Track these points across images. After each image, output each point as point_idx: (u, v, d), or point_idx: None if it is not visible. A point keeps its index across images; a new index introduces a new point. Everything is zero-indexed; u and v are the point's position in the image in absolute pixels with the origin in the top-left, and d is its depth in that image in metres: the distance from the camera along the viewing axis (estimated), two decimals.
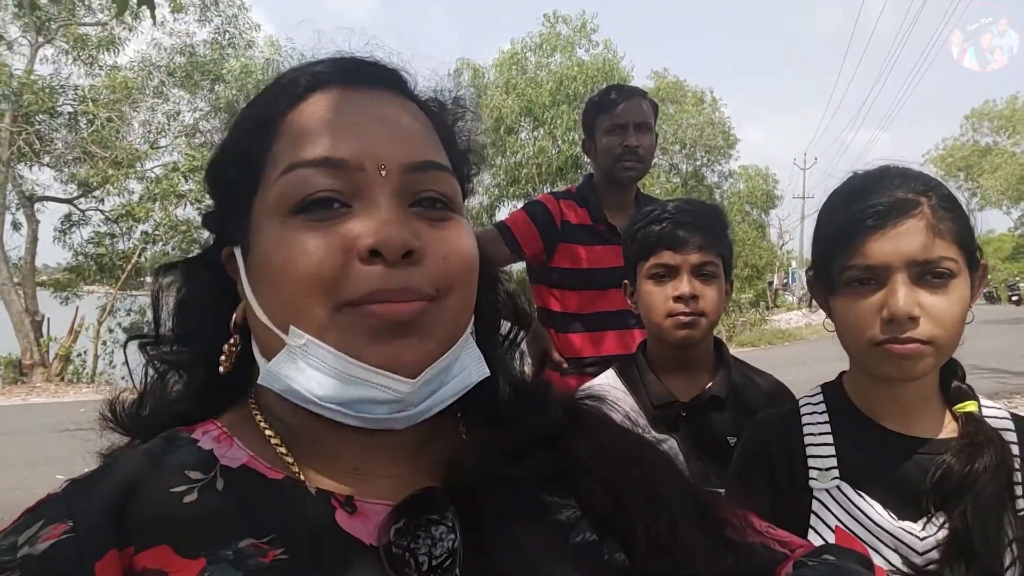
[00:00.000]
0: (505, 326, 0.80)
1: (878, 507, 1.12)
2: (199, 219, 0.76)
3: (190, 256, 0.75)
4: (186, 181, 14.53)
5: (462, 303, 0.65)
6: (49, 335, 14.38)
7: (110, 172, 14.54)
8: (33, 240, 14.60)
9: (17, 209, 14.74)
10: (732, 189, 31.10)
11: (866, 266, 1.09)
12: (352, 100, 0.66)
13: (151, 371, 0.73)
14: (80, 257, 15.67)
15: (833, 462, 1.18)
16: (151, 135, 16.13)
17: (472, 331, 0.71)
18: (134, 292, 15.20)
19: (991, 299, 40.38)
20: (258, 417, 0.68)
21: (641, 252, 1.62)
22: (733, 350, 1.90)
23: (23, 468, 6.34)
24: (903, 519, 1.10)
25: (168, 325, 0.73)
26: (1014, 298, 36.94)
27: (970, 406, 1.15)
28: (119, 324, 14.19)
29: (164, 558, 0.56)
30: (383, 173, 0.62)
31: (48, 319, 14.46)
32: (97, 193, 15.57)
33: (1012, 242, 48.88)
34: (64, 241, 15.65)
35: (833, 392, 1.28)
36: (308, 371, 0.60)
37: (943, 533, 1.07)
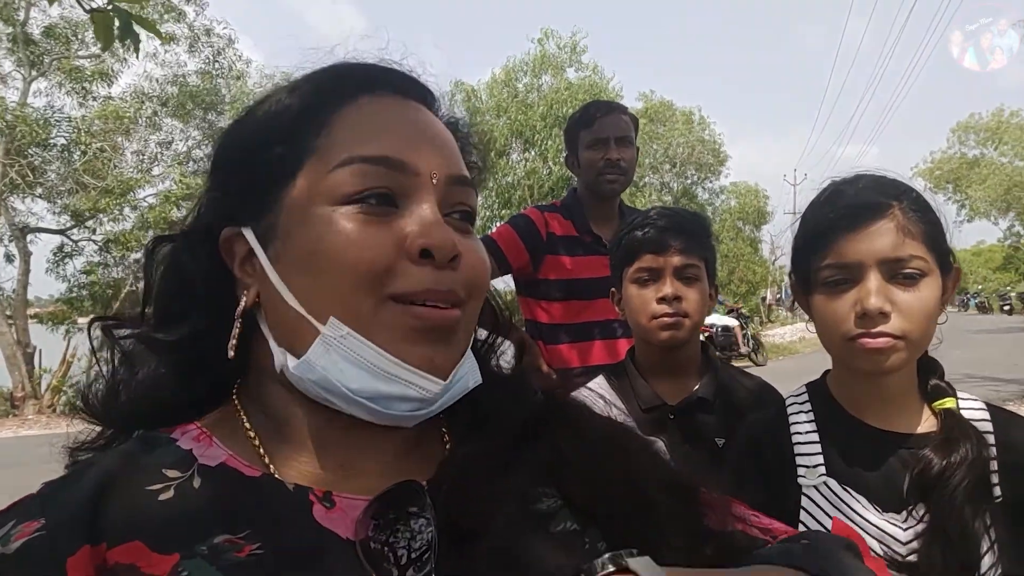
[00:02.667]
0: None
1: (864, 501, 1.14)
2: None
3: (187, 230, 0.71)
4: (179, 209, 14.46)
5: (476, 311, 0.69)
6: (42, 367, 14.26)
7: (103, 201, 14.53)
8: (25, 272, 14.53)
9: (10, 241, 14.69)
10: (724, 206, 31.29)
11: (840, 264, 1.14)
12: (404, 108, 0.69)
13: (118, 356, 0.71)
14: (74, 290, 15.59)
15: (820, 459, 1.21)
16: (144, 164, 16.16)
17: None
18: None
19: (983, 309, 40.63)
20: (241, 414, 0.68)
21: (625, 257, 1.66)
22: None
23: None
24: (887, 512, 1.13)
25: (144, 307, 0.71)
26: (1006, 308, 37.15)
27: (948, 403, 1.19)
28: None
29: (137, 553, 0.56)
30: (434, 181, 0.65)
31: (40, 351, 14.34)
32: (90, 223, 15.53)
33: (1002, 252, 49.18)
34: (57, 272, 15.59)
35: (817, 391, 1.31)
36: (341, 363, 0.60)
37: (923, 525, 1.10)
